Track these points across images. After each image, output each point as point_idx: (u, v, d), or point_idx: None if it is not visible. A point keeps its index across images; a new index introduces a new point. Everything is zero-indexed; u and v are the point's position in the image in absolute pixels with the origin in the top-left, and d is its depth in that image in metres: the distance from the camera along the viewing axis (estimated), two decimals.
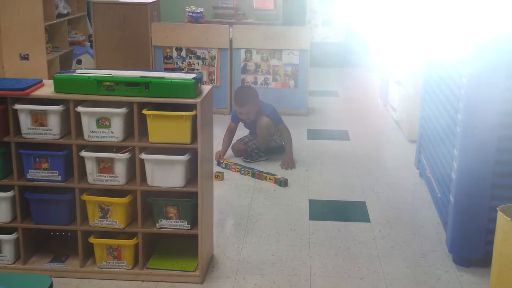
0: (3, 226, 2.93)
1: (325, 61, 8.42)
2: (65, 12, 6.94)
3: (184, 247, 3.11)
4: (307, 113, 6.06)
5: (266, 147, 4.73)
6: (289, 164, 4.54)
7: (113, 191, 2.90)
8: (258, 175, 4.30)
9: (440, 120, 3.59)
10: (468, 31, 3.20)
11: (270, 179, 4.24)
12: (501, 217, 2.52)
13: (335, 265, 3.15)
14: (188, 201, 2.87)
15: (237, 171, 4.42)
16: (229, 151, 4.77)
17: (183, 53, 6.01)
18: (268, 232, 3.50)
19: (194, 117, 2.75)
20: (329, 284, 2.98)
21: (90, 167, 2.84)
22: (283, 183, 4.16)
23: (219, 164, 4.55)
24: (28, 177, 2.86)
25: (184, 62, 6.03)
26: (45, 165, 2.84)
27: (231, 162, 4.53)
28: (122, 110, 2.77)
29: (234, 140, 4.84)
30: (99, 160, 2.83)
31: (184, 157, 2.80)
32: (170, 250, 3.13)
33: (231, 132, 4.82)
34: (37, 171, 2.85)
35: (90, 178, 2.86)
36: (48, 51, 6.32)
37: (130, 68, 5.44)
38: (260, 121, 4.66)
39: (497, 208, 2.57)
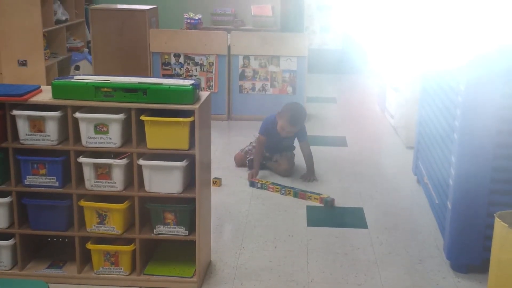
0: (0, 232, 2.92)
1: (323, 68, 8.44)
2: (64, 18, 6.95)
3: (182, 253, 3.11)
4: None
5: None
6: (311, 178, 4.44)
7: (111, 197, 2.90)
8: (301, 194, 4.06)
9: (437, 127, 3.60)
10: (466, 39, 3.22)
11: (315, 198, 4.01)
12: (498, 224, 2.53)
13: (332, 271, 3.15)
14: (186, 207, 2.87)
15: (276, 191, 4.14)
16: (231, 161, 4.74)
17: (181, 60, 6.02)
18: (265, 238, 3.50)
19: (192, 123, 2.75)
20: None
21: (88, 173, 2.84)
22: (329, 203, 3.96)
23: (252, 185, 4.25)
24: (25, 183, 2.86)
25: (182, 68, 6.04)
26: (43, 171, 2.84)
27: (268, 182, 4.25)
28: (120, 116, 2.77)
29: (236, 151, 4.78)
30: (97, 166, 2.83)
31: (182, 163, 2.80)
32: (168, 256, 3.12)
33: (262, 146, 4.50)
34: (34, 177, 2.85)
35: (87, 184, 2.86)
36: (46, 57, 6.33)
37: (128, 74, 5.45)
38: (284, 164, 4.52)
39: (495, 214, 2.58)
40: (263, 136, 4.52)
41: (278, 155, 4.58)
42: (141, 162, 2.81)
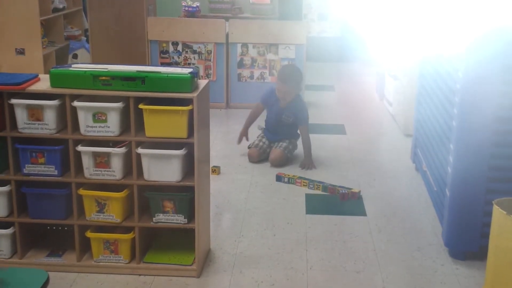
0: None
1: (322, 56, 8.41)
2: (61, 6, 6.92)
3: (181, 241, 3.11)
4: None
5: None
6: (309, 165, 4.46)
7: (110, 185, 2.90)
8: (330, 189, 3.97)
9: (436, 114, 3.60)
10: (464, 25, 3.21)
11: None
12: (496, 211, 2.54)
13: (331, 258, 3.16)
14: (185, 195, 2.87)
15: (304, 185, 4.05)
16: (229, 150, 4.71)
17: (179, 48, 6.01)
18: (264, 226, 3.51)
19: (191, 112, 2.75)
20: (326, 277, 2.99)
21: (86, 161, 2.84)
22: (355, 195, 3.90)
23: (279, 179, 4.15)
24: (24, 171, 2.86)
25: (180, 56, 6.03)
26: (41, 160, 2.84)
27: (295, 176, 4.18)
28: (118, 104, 2.77)
29: (234, 139, 4.75)
30: (95, 155, 2.83)
31: (181, 152, 2.80)
32: (167, 244, 3.13)
33: (256, 113, 4.70)
34: (33, 165, 2.85)
35: (86, 173, 2.86)
36: (44, 46, 6.31)
37: (126, 62, 5.43)
38: (274, 152, 4.50)
39: (493, 202, 2.59)
40: (262, 104, 4.68)
41: (276, 143, 4.58)
42: (140, 150, 2.81)
